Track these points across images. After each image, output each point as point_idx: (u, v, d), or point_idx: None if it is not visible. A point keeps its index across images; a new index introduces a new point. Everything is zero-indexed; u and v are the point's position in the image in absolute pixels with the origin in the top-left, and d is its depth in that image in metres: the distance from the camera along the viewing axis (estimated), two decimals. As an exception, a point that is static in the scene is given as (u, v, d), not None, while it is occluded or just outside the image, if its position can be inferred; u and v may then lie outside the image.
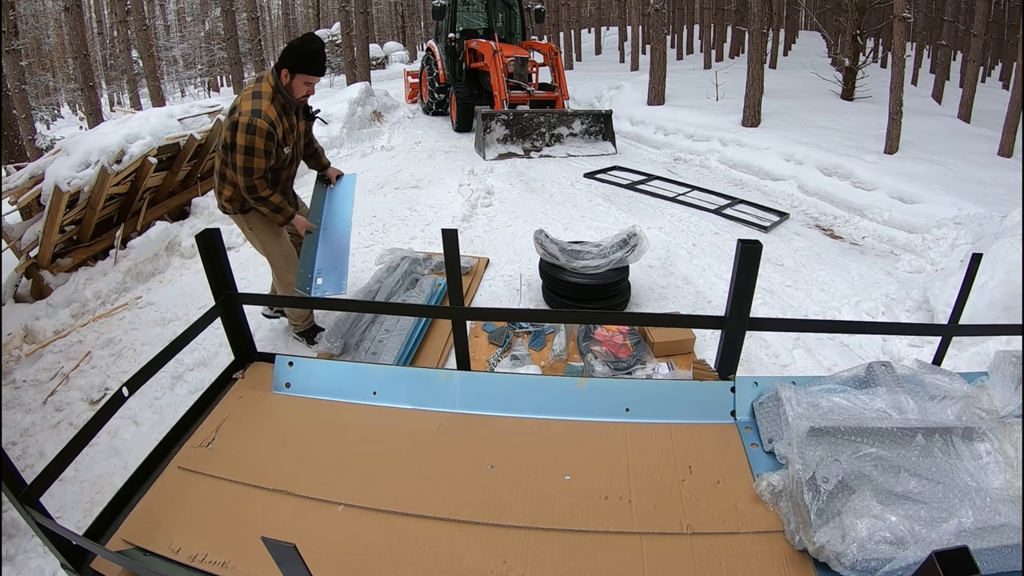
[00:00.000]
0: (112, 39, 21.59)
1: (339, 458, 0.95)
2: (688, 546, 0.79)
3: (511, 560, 0.77)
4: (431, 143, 8.27)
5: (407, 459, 0.95)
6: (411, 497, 0.87)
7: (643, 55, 13.89)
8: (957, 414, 0.87)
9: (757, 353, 2.98)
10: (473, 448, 0.97)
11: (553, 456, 0.94)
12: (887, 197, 5.00)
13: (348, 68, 13.25)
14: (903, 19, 6.19)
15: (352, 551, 0.78)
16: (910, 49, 10.89)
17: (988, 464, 0.82)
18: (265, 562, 0.57)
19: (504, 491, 0.88)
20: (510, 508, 0.85)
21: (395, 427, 1.03)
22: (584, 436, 0.99)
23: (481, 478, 0.91)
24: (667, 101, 8.94)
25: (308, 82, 2.47)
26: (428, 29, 25.01)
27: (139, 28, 14.43)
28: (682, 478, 0.89)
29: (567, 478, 0.90)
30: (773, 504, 0.83)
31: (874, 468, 0.79)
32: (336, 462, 0.94)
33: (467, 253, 4.12)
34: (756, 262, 1.01)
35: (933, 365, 1.05)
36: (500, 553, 0.78)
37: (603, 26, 22.06)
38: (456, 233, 1.10)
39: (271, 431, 1.03)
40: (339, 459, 0.95)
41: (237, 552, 0.78)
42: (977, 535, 0.73)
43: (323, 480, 0.90)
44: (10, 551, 1.88)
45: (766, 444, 0.94)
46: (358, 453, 0.96)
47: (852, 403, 0.90)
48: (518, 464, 0.93)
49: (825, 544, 0.73)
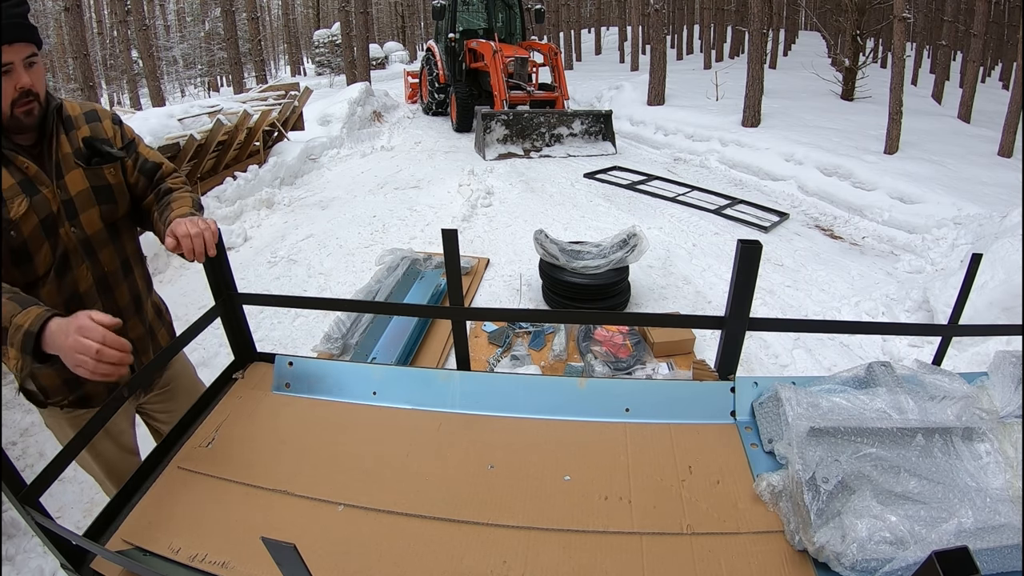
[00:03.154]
0: (112, 39, 21.60)
1: (339, 458, 0.95)
2: (688, 546, 0.79)
3: (511, 560, 0.77)
4: (431, 143, 8.27)
5: (407, 459, 0.95)
6: (411, 497, 0.87)
7: (643, 55, 13.89)
8: (957, 414, 0.87)
9: (757, 353, 2.98)
10: (473, 448, 0.97)
11: (553, 456, 0.94)
12: (887, 197, 5.00)
13: (348, 68, 13.26)
14: (903, 19, 6.19)
15: (351, 551, 0.78)
16: (910, 49, 10.88)
17: (988, 464, 0.82)
18: (265, 562, 0.57)
19: (504, 491, 0.88)
20: (510, 508, 0.85)
21: (395, 427, 1.03)
22: (584, 436, 0.99)
23: (481, 478, 0.91)
24: (667, 101, 8.94)
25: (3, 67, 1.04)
26: (428, 29, 25.01)
27: (139, 28, 14.43)
28: (682, 478, 0.89)
29: (567, 478, 0.90)
30: (773, 504, 0.83)
31: (874, 468, 0.79)
32: (336, 462, 0.94)
33: (467, 253, 4.12)
34: (756, 262, 1.01)
35: (933, 365, 1.05)
36: (500, 553, 0.78)
37: (603, 26, 22.06)
38: (456, 233, 1.10)
39: (271, 431, 1.03)
40: (339, 459, 0.95)
41: (237, 552, 0.78)
42: (977, 535, 0.73)
43: (323, 480, 0.90)
44: (10, 551, 1.88)
45: (766, 444, 0.94)
46: (358, 453, 0.96)
47: (852, 403, 0.90)
48: (518, 464, 0.93)
49: (825, 544, 0.73)
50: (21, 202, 1.10)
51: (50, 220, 1.15)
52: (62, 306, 1.18)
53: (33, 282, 1.15)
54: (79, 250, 1.21)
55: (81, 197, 1.20)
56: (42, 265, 1.15)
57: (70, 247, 1.19)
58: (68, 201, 1.18)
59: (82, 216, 1.21)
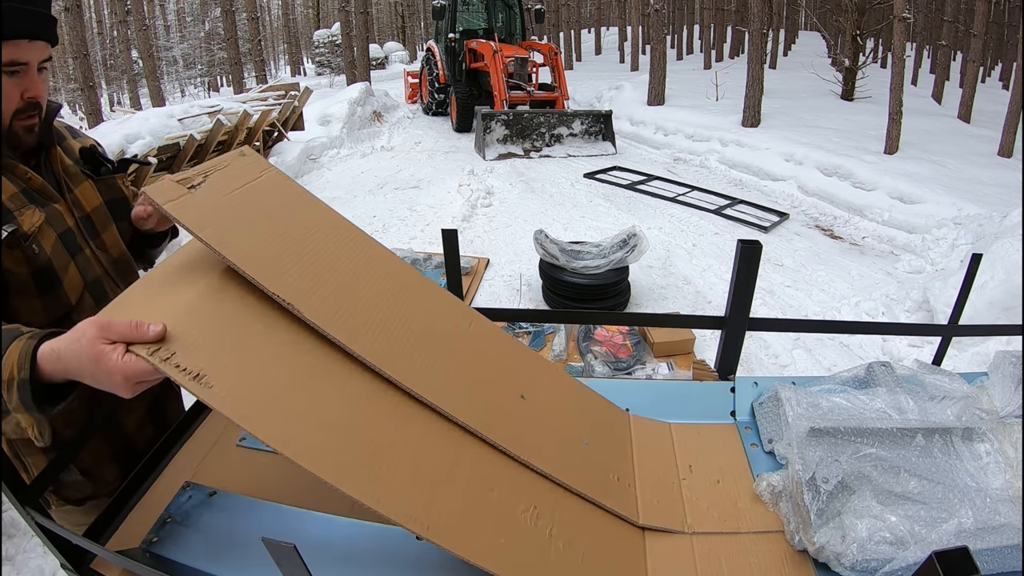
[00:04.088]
0: (112, 39, 21.60)
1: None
2: (688, 545, 0.79)
3: (540, 509, 0.73)
4: (431, 143, 8.27)
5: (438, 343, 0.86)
6: (440, 387, 0.78)
7: (643, 55, 13.89)
8: (957, 414, 0.87)
9: (757, 353, 2.98)
10: (503, 375, 0.94)
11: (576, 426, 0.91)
12: (887, 197, 5.01)
13: (348, 68, 13.26)
14: (903, 19, 6.19)
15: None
16: (910, 49, 10.88)
17: (988, 464, 0.82)
18: (265, 561, 0.57)
19: (535, 430, 0.85)
20: (541, 451, 0.80)
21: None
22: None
23: (512, 406, 0.85)
24: (667, 101, 8.94)
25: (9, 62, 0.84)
26: (428, 29, 25.01)
27: (139, 28, 14.44)
28: (682, 477, 0.89)
29: (586, 443, 0.87)
30: (773, 504, 0.83)
31: (874, 468, 0.79)
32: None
33: (467, 253, 4.12)
34: (756, 262, 1.01)
35: (933, 365, 1.05)
36: (529, 498, 0.74)
37: (603, 26, 22.06)
38: (456, 233, 1.10)
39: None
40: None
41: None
42: (977, 535, 0.73)
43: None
44: (10, 551, 1.88)
45: (766, 444, 0.94)
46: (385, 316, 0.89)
47: (852, 403, 0.90)
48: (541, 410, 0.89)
49: (825, 544, 0.73)
50: (34, 213, 0.89)
51: (70, 237, 0.96)
52: None
53: (64, 316, 0.93)
54: (111, 275, 1.02)
55: (98, 213, 1.03)
56: (73, 291, 0.94)
57: (100, 272, 1.00)
58: (85, 218, 1.00)
59: (104, 235, 1.03)
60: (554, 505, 0.75)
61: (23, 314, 0.88)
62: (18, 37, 0.83)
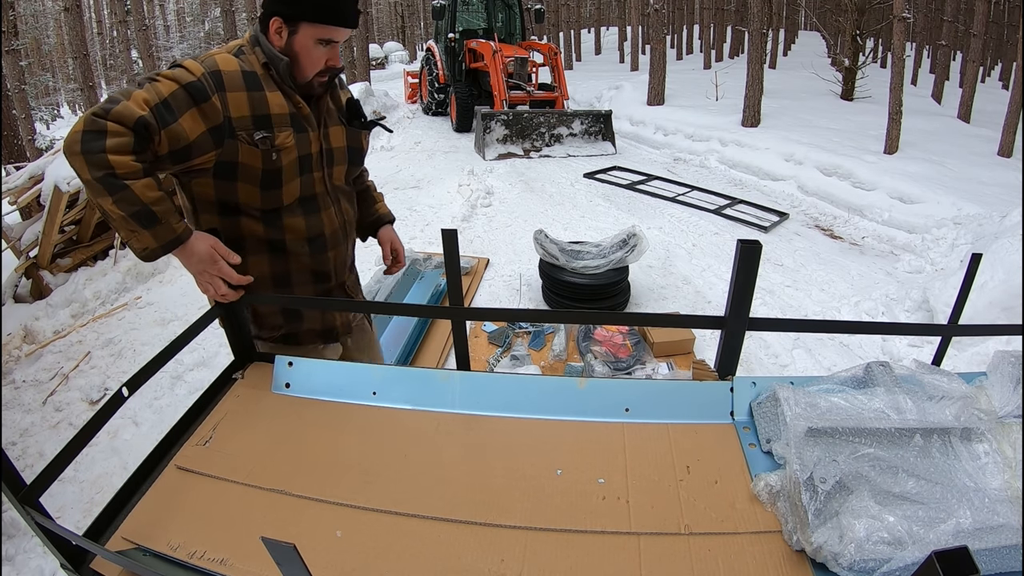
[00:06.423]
0: (112, 39, 21.59)
1: (338, 458, 0.95)
2: (686, 546, 0.79)
3: (508, 559, 0.77)
4: (431, 143, 8.27)
5: (406, 459, 0.95)
6: (409, 497, 0.87)
7: (643, 55, 13.89)
8: (956, 414, 0.87)
9: (757, 353, 2.98)
10: (472, 448, 0.98)
11: (551, 456, 0.94)
12: (887, 197, 5.01)
13: (348, 68, 13.25)
14: (903, 19, 6.19)
15: (350, 550, 0.79)
16: (910, 49, 10.89)
17: (986, 465, 0.82)
18: (264, 561, 0.57)
19: (502, 491, 0.88)
20: (508, 508, 0.85)
21: (394, 427, 1.03)
22: (583, 436, 0.99)
23: (480, 478, 0.91)
24: (667, 101, 8.94)
25: (326, 39, 1.19)
26: (428, 29, 24.99)
27: (139, 28, 14.43)
28: (680, 478, 0.89)
29: (559, 472, 0.90)
30: (771, 504, 0.83)
31: (872, 468, 0.79)
32: (335, 462, 0.94)
33: (467, 253, 4.12)
34: (756, 262, 1.01)
35: (931, 365, 1.05)
36: (498, 552, 0.78)
37: (603, 26, 22.06)
38: (456, 233, 1.10)
39: (270, 431, 1.03)
40: (338, 459, 0.95)
41: (236, 551, 0.78)
42: (975, 535, 0.73)
43: (322, 480, 0.90)
44: (10, 551, 1.88)
45: (764, 444, 0.94)
46: (357, 453, 0.97)
47: (850, 403, 0.90)
48: (516, 464, 0.93)
49: (823, 544, 0.73)
50: (288, 135, 1.20)
51: (307, 160, 1.25)
52: (306, 243, 1.30)
53: (275, 209, 1.25)
54: (329, 195, 1.33)
55: (339, 151, 1.34)
56: (288, 196, 1.25)
57: (321, 191, 1.31)
58: (329, 151, 1.31)
59: (335, 168, 1.34)
60: (523, 549, 0.79)
61: (242, 194, 1.21)
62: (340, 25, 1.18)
